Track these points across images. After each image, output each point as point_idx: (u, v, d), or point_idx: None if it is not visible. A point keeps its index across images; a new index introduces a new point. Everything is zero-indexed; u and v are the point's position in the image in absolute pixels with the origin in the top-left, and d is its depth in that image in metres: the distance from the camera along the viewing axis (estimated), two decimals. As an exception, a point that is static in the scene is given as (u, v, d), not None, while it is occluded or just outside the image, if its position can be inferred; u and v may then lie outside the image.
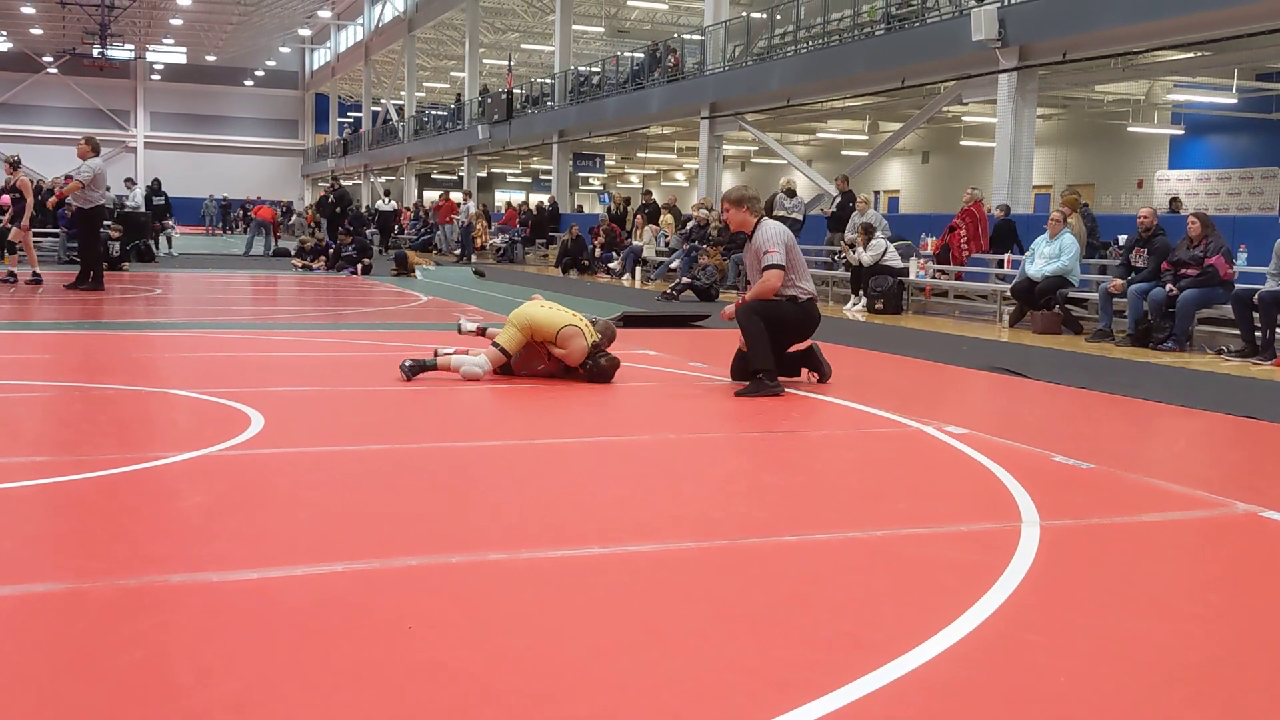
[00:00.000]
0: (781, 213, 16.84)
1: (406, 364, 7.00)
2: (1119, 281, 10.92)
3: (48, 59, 57.19)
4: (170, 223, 25.84)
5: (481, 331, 8.07)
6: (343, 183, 26.89)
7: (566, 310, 7.18)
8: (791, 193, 17.47)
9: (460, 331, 8.24)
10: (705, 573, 3.25)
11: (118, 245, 18.30)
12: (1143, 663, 2.63)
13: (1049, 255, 12.02)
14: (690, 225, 19.15)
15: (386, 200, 33.55)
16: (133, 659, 2.46)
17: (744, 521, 3.85)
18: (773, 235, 7.01)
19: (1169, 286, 10.35)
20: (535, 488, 4.23)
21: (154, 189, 25.86)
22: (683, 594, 3.04)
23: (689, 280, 15.86)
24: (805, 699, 2.34)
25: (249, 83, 63.21)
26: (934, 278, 15.07)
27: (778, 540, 3.59)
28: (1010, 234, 15.06)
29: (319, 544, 3.41)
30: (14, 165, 15.53)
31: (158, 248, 23.78)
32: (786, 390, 6.93)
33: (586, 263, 22.50)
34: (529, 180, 51.23)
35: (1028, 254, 12.47)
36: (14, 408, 5.72)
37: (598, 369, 6.99)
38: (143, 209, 23.32)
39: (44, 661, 2.44)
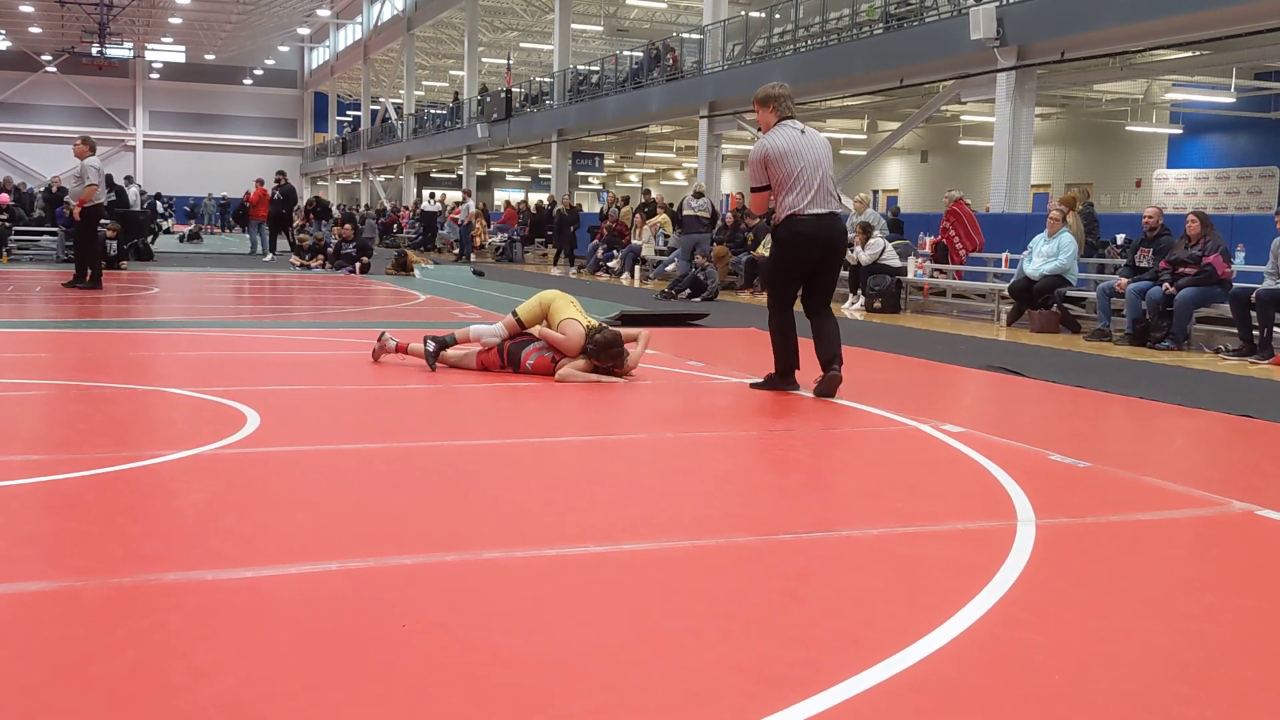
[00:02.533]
0: (690, 212, 17.49)
1: (429, 348, 7.29)
2: (1124, 280, 10.92)
3: (46, 58, 57.19)
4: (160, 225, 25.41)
5: (404, 349, 7.55)
6: (288, 177, 25.47)
7: (580, 311, 7.26)
8: (699, 194, 18.03)
9: (382, 346, 7.60)
10: (700, 571, 3.24)
11: (115, 244, 18.29)
12: (1137, 661, 2.63)
13: (1047, 254, 12.02)
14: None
15: (431, 201, 33.92)
16: (126, 658, 2.46)
17: (739, 520, 3.85)
18: (754, 153, 6.50)
19: (1166, 285, 10.35)
20: (531, 486, 4.22)
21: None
22: (677, 592, 3.03)
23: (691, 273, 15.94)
24: (800, 697, 2.34)
25: (248, 81, 63.23)
26: (932, 276, 15.08)
27: (773, 538, 3.58)
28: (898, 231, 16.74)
29: (313, 543, 3.40)
30: None
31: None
32: (778, 390, 6.92)
33: (573, 245, 22.84)
34: (528, 179, 51.25)
35: (1025, 253, 12.48)
36: (10, 406, 5.72)
37: (600, 343, 6.93)
38: (139, 208, 23.21)
39: (37, 661, 2.44)
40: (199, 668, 2.41)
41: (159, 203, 34.27)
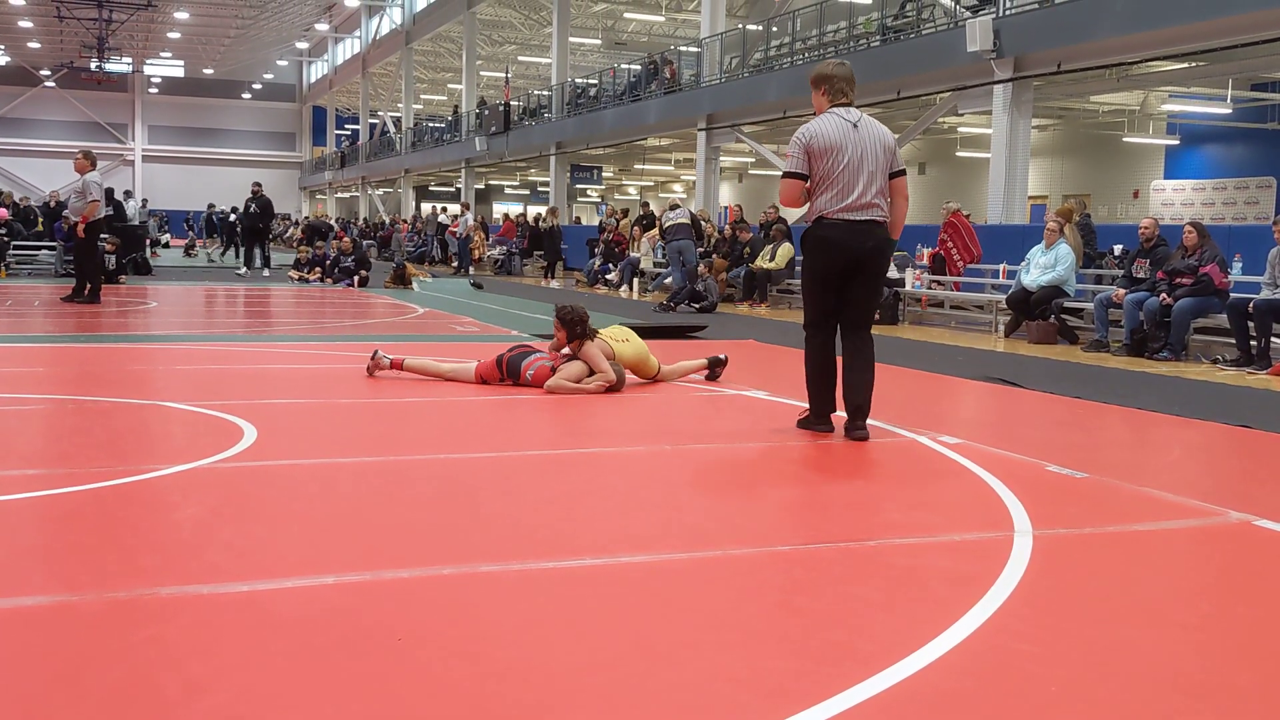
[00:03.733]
0: (670, 222, 17.66)
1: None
2: (1121, 291, 10.93)
3: (45, 72, 57.30)
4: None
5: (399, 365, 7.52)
6: (263, 188, 23.58)
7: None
8: (675, 206, 18.32)
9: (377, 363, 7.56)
10: (697, 583, 3.24)
11: (113, 258, 18.30)
12: (1134, 672, 2.63)
13: (1044, 265, 12.04)
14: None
15: (445, 214, 34.25)
16: (122, 672, 2.46)
17: (736, 532, 3.85)
18: (796, 137, 5.59)
19: (1163, 296, 10.36)
20: (528, 499, 4.22)
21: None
22: (674, 605, 3.03)
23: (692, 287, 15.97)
24: (796, 709, 2.34)
25: (246, 96, 63.35)
26: (929, 288, 15.10)
27: (770, 550, 3.58)
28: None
29: (310, 556, 3.40)
30: None
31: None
32: (776, 401, 6.93)
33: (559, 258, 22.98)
34: (527, 192, 51.31)
35: (1023, 264, 12.49)
36: (8, 421, 5.72)
37: (568, 318, 7.15)
38: (138, 221, 23.13)
39: (33, 674, 2.44)
40: (195, 681, 2.41)
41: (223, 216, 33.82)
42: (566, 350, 7.25)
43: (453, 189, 46.77)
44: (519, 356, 7.23)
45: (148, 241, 24.13)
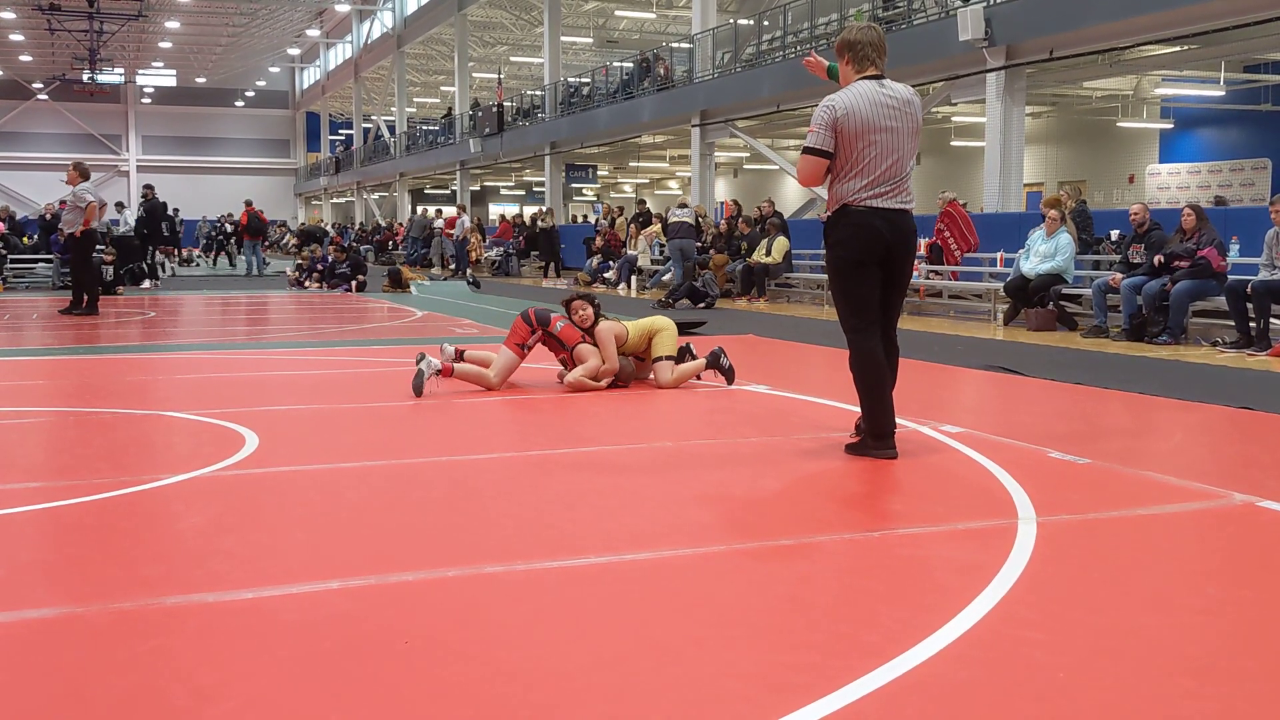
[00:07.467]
0: (675, 219, 17.72)
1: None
2: (1119, 276, 10.93)
3: (38, 85, 57.25)
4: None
5: (460, 355, 7.43)
6: (156, 192, 21.88)
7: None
8: (683, 205, 18.36)
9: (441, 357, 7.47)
10: (701, 579, 3.24)
11: (111, 269, 18.30)
12: (1141, 656, 2.63)
13: (1045, 253, 12.03)
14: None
15: (440, 218, 34.36)
16: (129, 682, 2.46)
17: (740, 526, 3.85)
18: (824, 109, 4.91)
19: (1168, 284, 10.36)
20: (531, 499, 4.22)
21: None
22: (679, 601, 3.03)
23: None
24: (803, 702, 2.34)
25: (240, 103, 63.28)
26: (927, 278, 15.10)
27: (774, 544, 3.58)
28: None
29: (314, 562, 3.40)
30: None
31: (162, 271, 23.21)
32: (778, 395, 6.93)
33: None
34: (522, 193, 51.31)
35: (1023, 250, 12.49)
36: (9, 434, 5.71)
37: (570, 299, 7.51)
38: (133, 232, 22.99)
39: (39, 688, 2.43)
40: (202, 690, 2.41)
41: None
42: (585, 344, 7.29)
43: (448, 191, 46.76)
44: (544, 310, 7.33)
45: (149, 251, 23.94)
